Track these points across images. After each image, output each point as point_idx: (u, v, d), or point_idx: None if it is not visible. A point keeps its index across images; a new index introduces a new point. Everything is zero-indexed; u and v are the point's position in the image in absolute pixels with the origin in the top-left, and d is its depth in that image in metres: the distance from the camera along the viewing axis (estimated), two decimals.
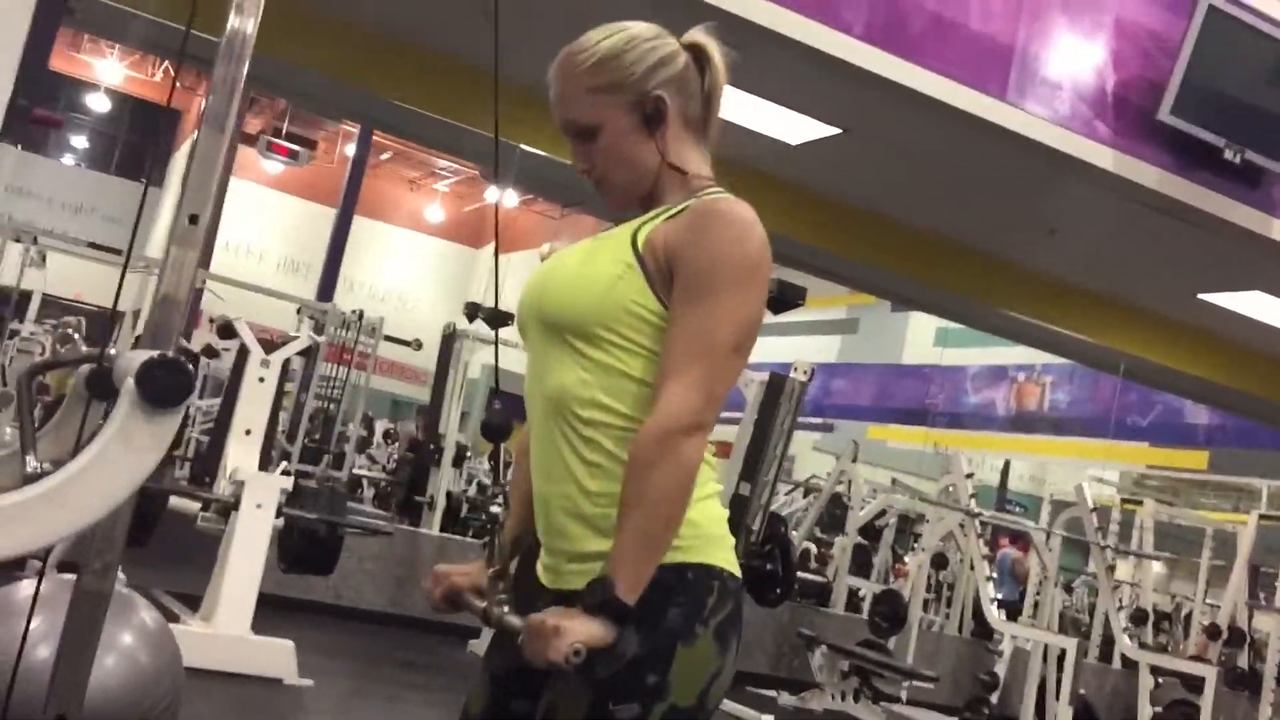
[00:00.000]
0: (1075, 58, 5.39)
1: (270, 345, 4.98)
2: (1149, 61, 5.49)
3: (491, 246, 18.56)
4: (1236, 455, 12.28)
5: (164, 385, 0.85)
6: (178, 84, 15.97)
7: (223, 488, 4.50)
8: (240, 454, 4.54)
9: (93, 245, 8.37)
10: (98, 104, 19.00)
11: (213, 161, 1.21)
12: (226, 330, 4.90)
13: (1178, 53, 5.37)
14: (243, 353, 4.89)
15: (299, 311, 9.08)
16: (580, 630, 1.30)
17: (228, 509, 4.35)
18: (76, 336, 7.31)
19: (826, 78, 4.97)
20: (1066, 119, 5.38)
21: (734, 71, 1.57)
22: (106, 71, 18.46)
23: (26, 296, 8.29)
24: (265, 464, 4.87)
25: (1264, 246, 5.92)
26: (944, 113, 5.17)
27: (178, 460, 7.18)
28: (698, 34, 1.56)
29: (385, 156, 19.36)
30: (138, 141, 20.62)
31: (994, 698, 6.64)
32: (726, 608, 1.42)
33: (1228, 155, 5.52)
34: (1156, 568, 9.35)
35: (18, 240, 7.91)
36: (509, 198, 16.40)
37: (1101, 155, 5.44)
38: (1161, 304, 7.61)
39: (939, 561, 8.63)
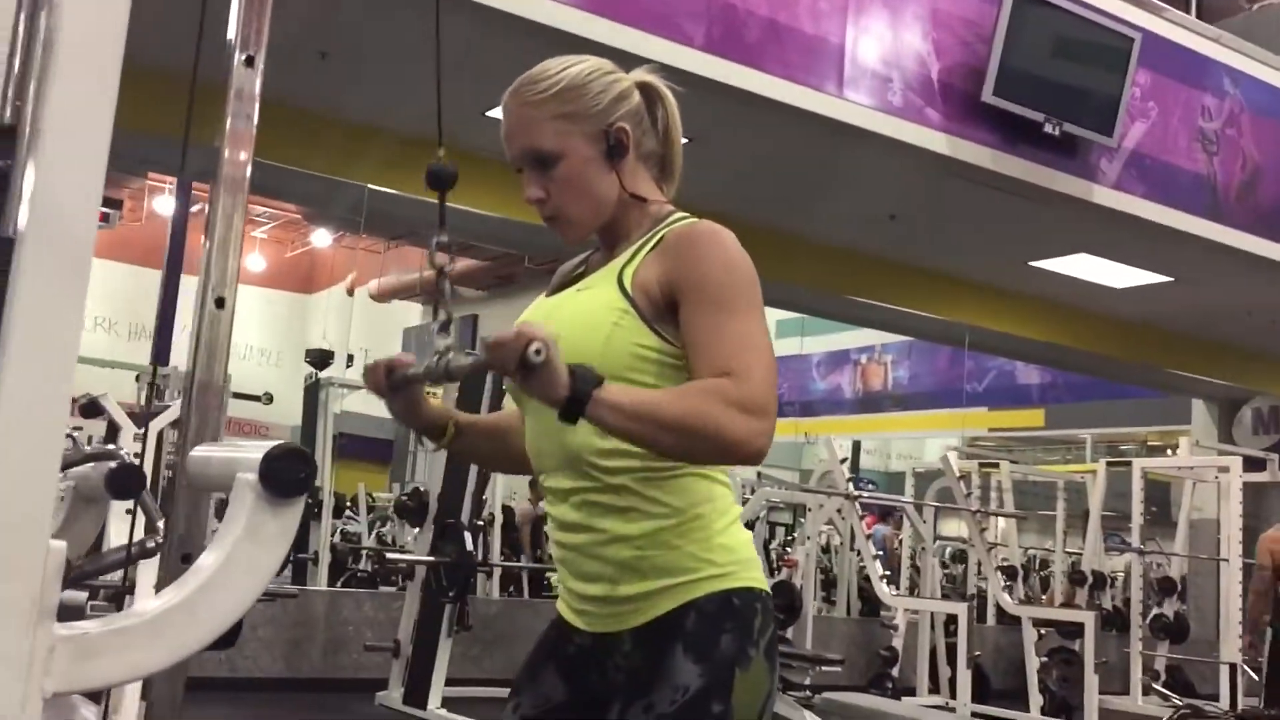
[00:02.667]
0: (900, 50, 5.63)
1: (138, 418, 4.76)
2: (968, 48, 5.78)
3: (326, 291, 18.00)
4: (1070, 410, 13.02)
5: (289, 476, 0.84)
6: None
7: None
8: (126, 537, 4.30)
9: None
10: None
11: (230, 243, 1.18)
12: (92, 408, 4.64)
13: (993, 37, 5.68)
14: (113, 429, 4.68)
15: (138, 379, 8.67)
16: (541, 332, 1.21)
17: (121, 594, 4.13)
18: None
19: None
20: (899, 109, 5.61)
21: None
22: None
23: None
24: None
25: (1085, 211, 6.31)
26: (783, 112, 5.34)
27: None
28: (645, 74, 1.57)
29: (195, 209, 18.59)
30: None
31: (895, 671, 6.86)
32: (770, 627, 1.45)
33: (1048, 129, 5.88)
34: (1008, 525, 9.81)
35: None
36: (328, 236, 16.05)
37: (935, 140, 5.71)
38: (997, 275, 8.01)
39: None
